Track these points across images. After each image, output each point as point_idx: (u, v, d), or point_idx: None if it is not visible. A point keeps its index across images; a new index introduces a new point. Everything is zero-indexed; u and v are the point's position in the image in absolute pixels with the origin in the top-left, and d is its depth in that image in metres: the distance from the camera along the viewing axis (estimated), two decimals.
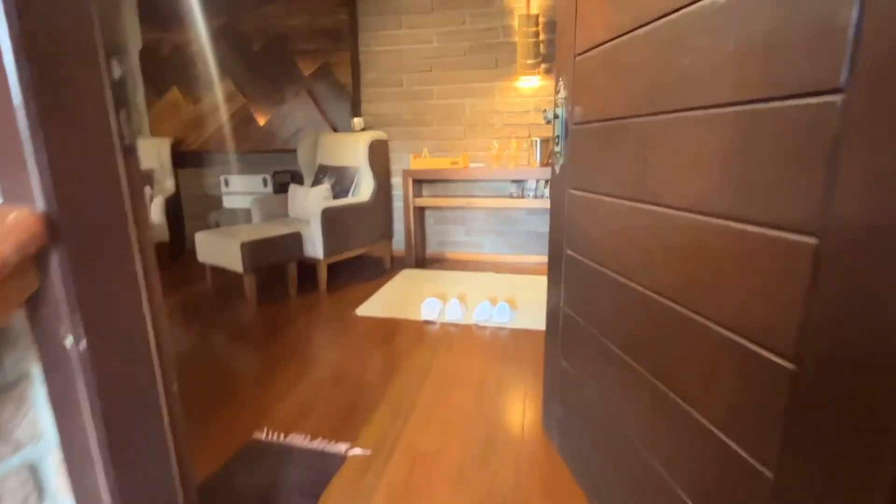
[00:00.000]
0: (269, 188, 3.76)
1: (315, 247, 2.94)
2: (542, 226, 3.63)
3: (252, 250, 2.67)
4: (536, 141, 3.27)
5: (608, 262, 1.07)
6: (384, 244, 3.52)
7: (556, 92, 1.31)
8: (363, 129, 3.71)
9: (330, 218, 2.94)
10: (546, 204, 3.23)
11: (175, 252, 3.81)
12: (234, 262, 2.68)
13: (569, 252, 1.30)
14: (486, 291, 2.95)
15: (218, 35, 3.78)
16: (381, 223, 3.45)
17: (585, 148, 1.18)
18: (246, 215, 3.89)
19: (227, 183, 3.84)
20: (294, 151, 3.77)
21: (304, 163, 3.56)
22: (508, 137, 3.53)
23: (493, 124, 3.54)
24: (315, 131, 3.75)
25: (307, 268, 3.06)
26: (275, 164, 4.00)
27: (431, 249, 3.88)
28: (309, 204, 3.13)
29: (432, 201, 3.45)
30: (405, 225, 3.48)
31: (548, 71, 3.36)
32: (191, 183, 4.24)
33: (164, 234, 3.55)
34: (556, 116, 1.29)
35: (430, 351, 2.16)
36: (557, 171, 1.33)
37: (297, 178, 3.80)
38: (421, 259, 3.77)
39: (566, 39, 1.24)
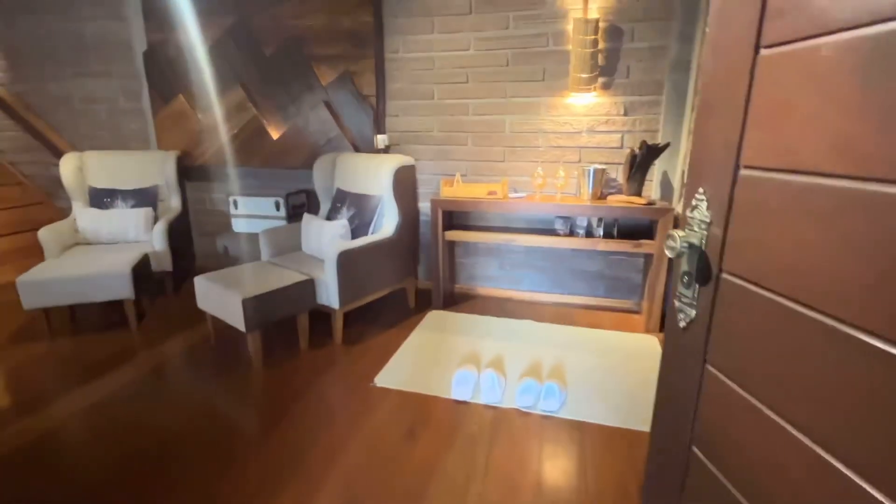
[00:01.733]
0: (282, 212, 3.37)
1: (330, 295, 2.54)
2: (591, 264, 3.15)
3: (256, 307, 2.28)
4: (589, 170, 2.77)
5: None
6: (409, 280, 3.11)
7: (689, 205, 0.84)
8: (387, 147, 3.26)
9: (347, 263, 2.53)
10: (599, 245, 2.74)
11: (181, 279, 3.48)
12: (235, 318, 2.30)
13: (706, 465, 0.84)
14: (527, 351, 2.51)
15: (227, 36, 3.35)
16: (405, 259, 3.02)
17: (747, 320, 0.72)
18: (255, 243, 3.52)
19: (236, 205, 3.47)
20: (310, 168, 3.35)
21: (320, 187, 3.14)
22: (555, 162, 3.03)
23: (538, 146, 3.04)
24: (333, 150, 3.32)
25: (321, 314, 2.67)
26: (289, 182, 3.60)
27: (461, 282, 3.44)
28: (324, 242, 2.72)
29: (465, 236, 2.99)
30: (432, 260, 3.05)
31: (606, 86, 2.83)
32: (199, 197, 3.89)
33: (166, 263, 3.21)
34: (689, 247, 0.82)
35: (465, 455, 1.74)
36: (681, 325, 0.87)
37: (313, 202, 3.39)
38: (449, 295, 3.34)
39: (720, 134, 0.76)
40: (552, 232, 2.96)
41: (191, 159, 3.69)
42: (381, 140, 3.25)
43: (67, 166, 3.34)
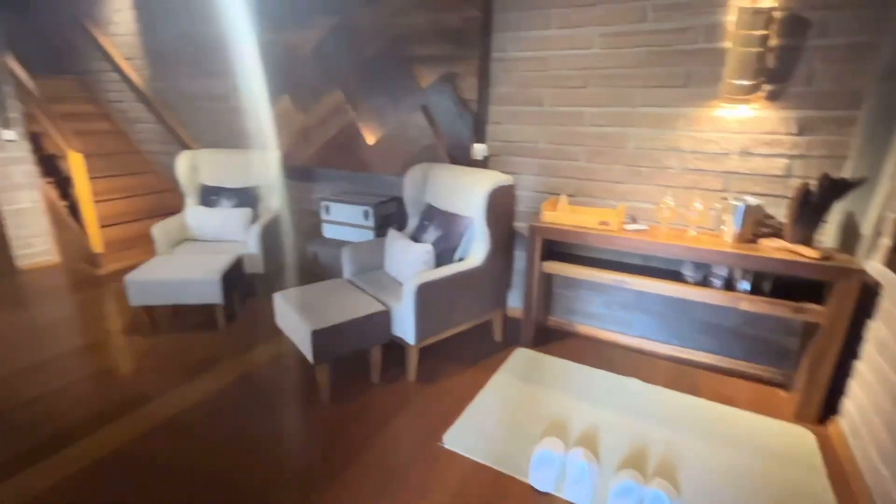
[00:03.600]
0: (371, 222, 3.20)
1: (406, 328, 2.30)
2: (726, 316, 2.52)
3: (326, 340, 2.12)
4: (738, 204, 2.15)
5: None
6: (496, 313, 2.76)
7: None
8: (486, 159, 2.91)
9: (427, 295, 2.25)
10: (741, 303, 2.13)
11: (273, 280, 3.52)
12: (305, 347, 2.16)
13: None
14: (629, 426, 2.04)
15: (330, 36, 3.23)
16: (494, 290, 2.68)
17: None
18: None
19: (328, 210, 3.39)
20: (403, 177, 3.13)
21: (409, 199, 2.90)
22: (690, 189, 2.43)
23: (669, 168, 2.47)
24: (427, 159, 3.05)
25: (395, 346, 2.46)
26: (381, 188, 3.43)
27: (557, 315, 3.01)
28: (406, 266, 2.48)
29: (566, 269, 2.55)
30: (526, 292, 2.66)
31: (773, 96, 2.16)
32: (297, 198, 3.91)
33: (259, 266, 3.24)
34: None
35: None
36: None
37: (401, 214, 3.18)
38: (542, 329, 2.93)
39: None
40: (678, 276, 2.39)
41: (292, 160, 3.70)
42: (479, 150, 2.90)
43: (183, 163, 3.52)
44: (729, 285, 2.24)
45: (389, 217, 3.31)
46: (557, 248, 2.77)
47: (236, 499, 1.68)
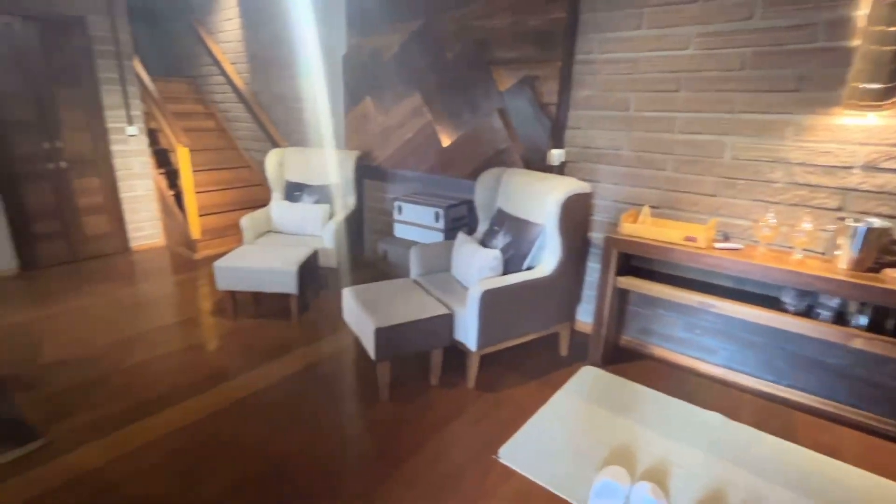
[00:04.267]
0: (441, 224, 3.21)
1: (468, 334, 2.26)
2: (832, 353, 2.20)
3: (389, 337, 2.14)
4: (860, 228, 1.86)
5: None
6: (564, 324, 2.64)
7: None
8: (562, 165, 2.80)
9: (492, 302, 2.20)
10: (856, 340, 1.84)
11: (344, 273, 3.64)
12: (368, 343, 2.20)
13: None
14: (707, 467, 1.84)
15: (412, 40, 3.29)
16: (563, 301, 2.56)
17: None
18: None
19: (400, 210, 3.44)
20: (475, 180, 3.10)
21: (481, 203, 2.86)
22: (797, 206, 2.16)
23: (773, 182, 2.20)
24: (501, 164, 2.99)
25: (456, 350, 2.42)
26: (454, 190, 3.43)
27: (630, 334, 2.81)
28: (472, 271, 2.44)
29: (644, 287, 2.37)
30: (598, 307, 2.51)
31: None
32: (372, 196, 4.02)
33: (332, 260, 3.37)
34: None
35: None
36: None
37: (472, 217, 3.15)
38: (613, 347, 2.76)
39: None
40: (775, 304, 2.12)
41: (369, 159, 3.81)
42: (555, 156, 2.79)
43: (271, 160, 3.76)
44: (840, 318, 1.95)
45: (460, 220, 3.30)
46: (635, 262, 2.59)
47: (296, 482, 1.74)
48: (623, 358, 2.69)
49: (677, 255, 2.20)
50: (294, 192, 3.72)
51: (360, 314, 2.28)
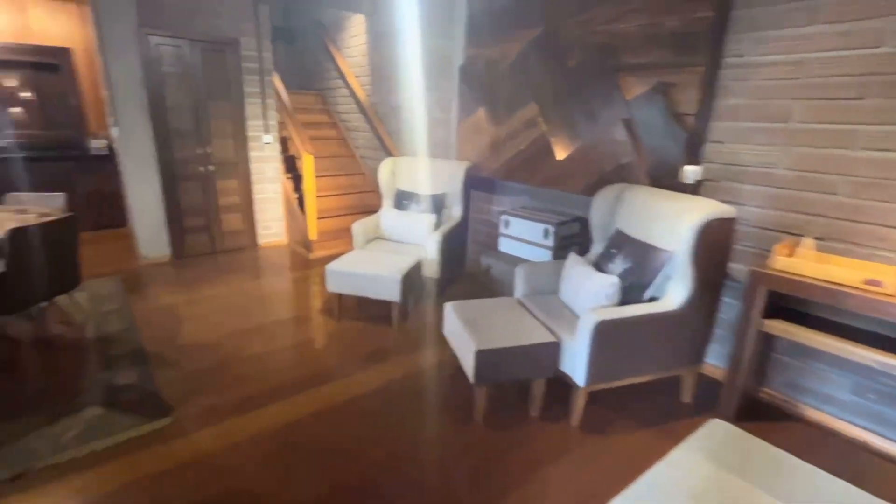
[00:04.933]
0: (550, 241, 3.01)
1: (576, 367, 2.05)
2: None
3: (490, 361, 2.01)
4: None
5: None
6: (689, 369, 2.29)
7: None
8: (698, 183, 2.46)
9: (606, 335, 1.97)
10: None
11: (447, 284, 3.60)
12: (467, 364, 2.10)
13: None
14: None
15: (530, 48, 3.16)
16: (690, 340, 2.22)
17: None
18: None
19: (506, 224, 3.32)
20: (591, 196, 2.86)
21: (597, 222, 2.62)
22: None
23: None
24: (622, 180, 2.72)
25: (560, 382, 2.22)
26: (565, 206, 3.21)
27: (773, 387, 2.36)
28: (584, 296, 2.23)
29: (801, 334, 1.96)
30: (735, 351, 2.13)
31: None
32: (479, 208, 3.95)
33: (435, 270, 3.35)
34: None
35: None
36: None
37: (584, 238, 2.90)
38: (750, 401, 2.33)
39: None
40: None
41: (480, 170, 3.75)
42: (690, 173, 2.46)
43: (385, 169, 3.87)
44: None
45: (570, 238, 3.07)
46: (786, 302, 2.16)
47: (384, 497, 1.69)
48: (762, 415, 2.26)
49: (852, 301, 1.77)
50: (404, 200, 3.78)
51: (460, 332, 2.19)
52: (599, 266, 2.46)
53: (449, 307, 2.43)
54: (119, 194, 4.37)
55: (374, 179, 5.16)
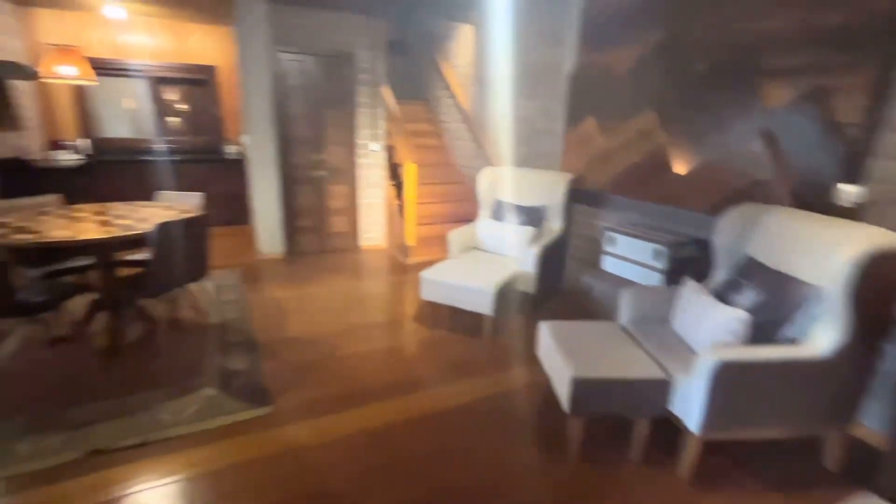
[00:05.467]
0: (661, 264, 2.73)
1: (689, 409, 1.80)
2: None
3: (587, 392, 1.85)
4: None
5: None
6: (835, 428, 1.90)
7: None
8: (858, 206, 2.06)
9: (729, 379, 1.70)
10: None
11: (543, 300, 3.43)
12: (562, 390, 1.95)
13: None
14: None
15: (652, 53, 2.91)
16: (838, 396, 1.84)
17: None
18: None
19: (612, 241, 3.08)
20: (715, 216, 2.54)
21: (723, 246, 2.31)
22: None
23: None
24: (755, 199, 2.37)
25: (668, 423, 1.97)
26: (682, 226, 2.90)
27: None
28: (703, 330, 1.96)
29: None
30: None
31: None
32: (582, 222, 3.73)
33: (530, 285, 3.21)
34: None
35: None
36: None
37: (703, 262, 2.58)
38: None
39: None
40: None
41: (584, 183, 3.55)
42: (848, 193, 2.07)
43: (484, 179, 3.83)
44: None
45: (686, 262, 2.76)
46: None
47: None
48: None
49: None
50: (502, 211, 3.70)
51: (555, 355, 2.05)
52: (723, 296, 2.15)
53: (544, 326, 2.29)
54: (245, 195, 4.86)
55: (472, 188, 5.15)
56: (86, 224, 2.61)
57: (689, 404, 1.79)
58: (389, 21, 4.77)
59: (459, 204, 5.25)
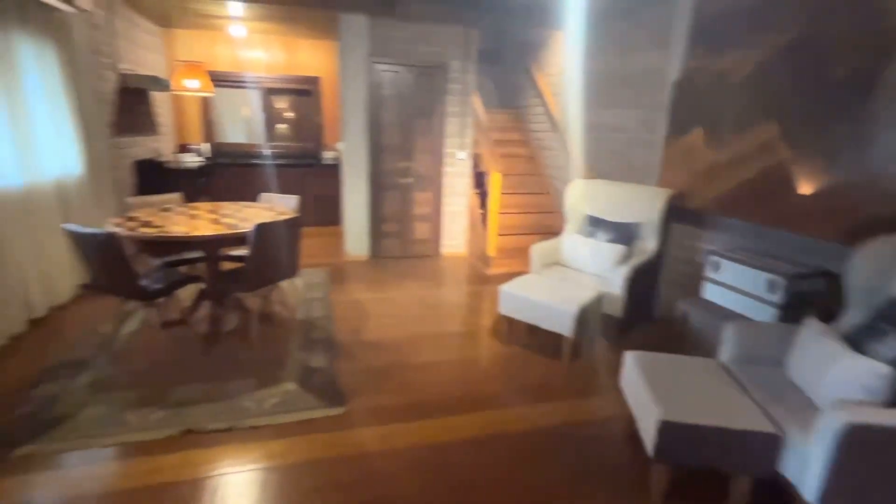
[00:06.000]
0: (777, 297, 2.38)
1: (804, 474, 1.52)
2: None
3: (676, 437, 1.64)
4: None
5: None
6: None
7: None
8: None
9: (861, 444, 1.41)
10: None
11: (631, 325, 3.17)
12: (647, 431, 1.76)
13: None
14: None
15: (776, 57, 2.56)
16: None
17: None
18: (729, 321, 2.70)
19: (717, 267, 2.75)
20: (849, 246, 2.15)
21: (859, 282, 1.95)
22: None
23: None
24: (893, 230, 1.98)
25: (775, 484, 1.68)
26: (802, 255, 2.51)
27: None
28: (829, 381, 1.66)
29: None
30: None
31: None
32: (681, 244, 3.40)
33: (617, 309, 2.98)
34: None
35: None
36: None
37: (830, 299, 2.19)
38: None
39: None
40: None
41: (685, 200, 3.23)
42: None
43: (572, 191, 3.65)
44: None
45: (808, 297, 2.38)
46: None
47: None
48: None
49: None
50: (589, 226, 3.50)
51: (642, 390, 1.86)
52: (858, 344, 1.80)
53: (631, 357, 2.10)
54: (337, 198, 5.12)
55: (558, 200, 4.96)
56: (200, 221, 2.89)
57: (807, 469, 1.52)
58: (482, 30, 4.76)
59: (544, 216, 5.08)
